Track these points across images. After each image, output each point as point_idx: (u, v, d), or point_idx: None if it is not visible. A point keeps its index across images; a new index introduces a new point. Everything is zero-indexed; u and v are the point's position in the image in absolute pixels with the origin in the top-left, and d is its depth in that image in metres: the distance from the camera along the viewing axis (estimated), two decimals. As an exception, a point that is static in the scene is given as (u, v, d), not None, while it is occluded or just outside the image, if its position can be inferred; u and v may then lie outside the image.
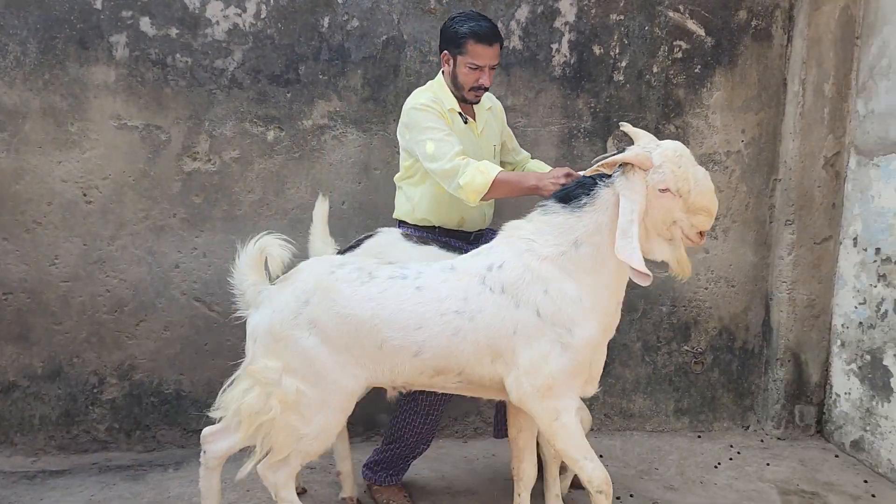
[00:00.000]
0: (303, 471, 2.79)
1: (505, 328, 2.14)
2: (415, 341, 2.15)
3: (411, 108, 2.66)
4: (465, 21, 2.62)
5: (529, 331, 2.13)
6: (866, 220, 3.37)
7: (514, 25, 3.35)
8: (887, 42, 3.26)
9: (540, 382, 2.13)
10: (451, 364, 2.19)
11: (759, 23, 3.50)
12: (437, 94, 2.71)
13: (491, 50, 2.61)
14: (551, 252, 2.16)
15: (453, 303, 2.15)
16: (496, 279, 2.16)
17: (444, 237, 2.76)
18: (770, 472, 3.25)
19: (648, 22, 3.43)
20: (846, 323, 3.48)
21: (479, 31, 2.58)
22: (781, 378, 3.61)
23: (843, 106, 3.47)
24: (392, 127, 3.32)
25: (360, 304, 2.15)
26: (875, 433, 3.28)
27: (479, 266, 2.21)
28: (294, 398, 2.14)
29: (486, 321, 2.14)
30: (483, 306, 2.15)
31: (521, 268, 2.16)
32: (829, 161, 3.49)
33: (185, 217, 3.22)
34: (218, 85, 3.18)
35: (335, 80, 3.26)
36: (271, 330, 2.17)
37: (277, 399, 2.13)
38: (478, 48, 2.60)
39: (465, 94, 2.71)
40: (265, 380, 2.14)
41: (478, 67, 2.63)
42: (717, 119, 3.53)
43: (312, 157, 3.28)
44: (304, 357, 2.15)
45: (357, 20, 3.24)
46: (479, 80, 2.66)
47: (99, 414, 3.24)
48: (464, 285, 2.18)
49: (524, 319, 2.13)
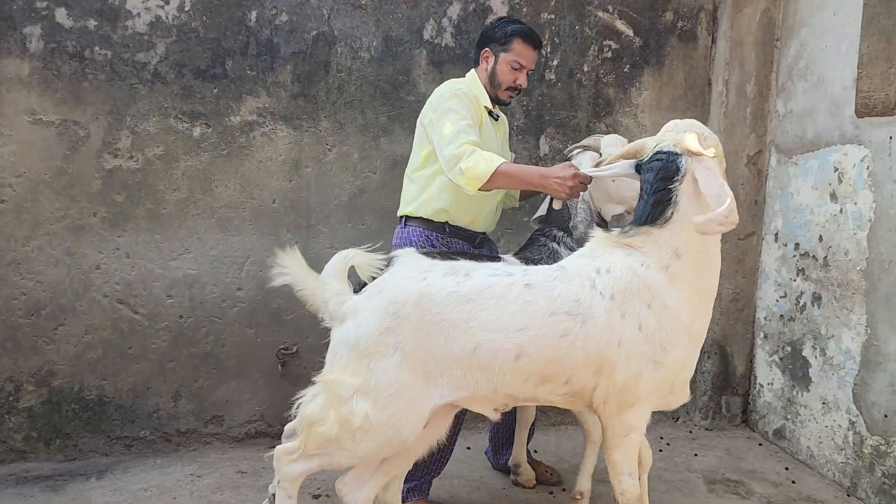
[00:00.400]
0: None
1: (613, 338, 2.01)
2: (516, 343, 1.99)
3: (446, 90, 2.64)
4: (513, 22, 2.72)
5: (631, 346, 2.01)
6: (786, 216, 3.49)
7: (447, 23, 3.34)
8: (805, 44, 3.38)
9: (625, 399, 2.05)
10: (559, 371, 2.04)
11: (685, 24, 3.59)
12: (472, 88, 2.72)
13: (534, 53, 2.71)
14: (654, 262, 2.06)
15: (565, 303, 2.01)
16: (606, 284, 2.04)
17: (451, 235, 2.70)
18: (697, 462, 3.34)
19: (579, 21, 3.47)
20: (768, 316, 3.61)
21: (527, 31, 2.68)
22: (709, 370, 3.71)
23: (764, 106, 3.58)
24: (323, 124, 3.27)
25: (455, 307, 2.00)
26: (795, 422, 3.41)
27: (588, 268, 2.08)
28: (359, 423, 1.98)
29: (598, 328, 2.01)
30: (595, 311, 2.01)
31: (629, 274, 2.04)
32: (751, 159, 3.60)
33: (107, 216, 3.10)
34: (140, 79, 3.07)
35: (264, 76, 3.19)
36: (357, 345, 2.01)
37: (339, 417, 1.99)
38: (524, 48, 2.67)
39: (500, 93, 2.73)
40: (336, 394, 2.00)
41: (519, 67, 2.68)
42: (647, 118, 3.60)
43: (241, 155, 3.20)
44: (384, 376, 1.98)
45: (286, 14, 3.18)
46: (517, 81, 2.69)
47: (15, 423, 3.09)
48: (576, 286, 2.04)
49: (628, 332, 2.01)
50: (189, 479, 3.00)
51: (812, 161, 3.31)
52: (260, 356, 3.31)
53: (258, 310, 3.28)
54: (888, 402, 2.86)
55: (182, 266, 3.19)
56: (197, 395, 3.26)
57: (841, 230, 3.13)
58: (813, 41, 3.32)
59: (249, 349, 3.30)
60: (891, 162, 2.86)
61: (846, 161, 3.10)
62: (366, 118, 3.30)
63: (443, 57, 3.35)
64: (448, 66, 3.34)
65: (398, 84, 3.32)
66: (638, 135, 3.60)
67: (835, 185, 3.17)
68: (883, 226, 2.89)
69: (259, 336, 3.30)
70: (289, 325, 3.33)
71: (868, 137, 2.98)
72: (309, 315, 3.32)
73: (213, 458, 3.19)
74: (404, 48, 3.31)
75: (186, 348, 3.23)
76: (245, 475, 3.05)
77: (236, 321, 3.27)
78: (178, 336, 3.21)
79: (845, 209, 3.11)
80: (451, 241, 2.69)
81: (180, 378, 3.24)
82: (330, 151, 3.29)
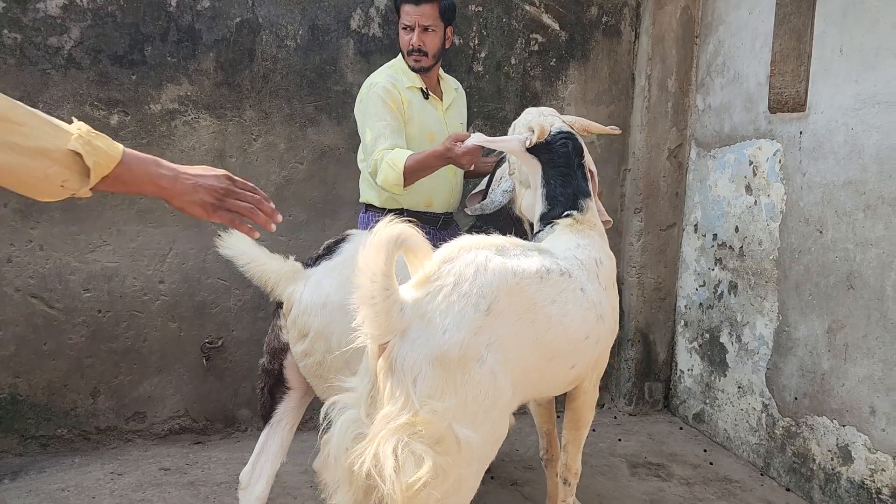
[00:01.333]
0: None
1: (612, 328, 2.09)
2: (576, 351, 1.85)
3: (364, 89, 2.67)
4: None
5: (609, 320, 2.05)
6: (705, 207, 3.61)
7: (374, 13, 3.32)
8: (722, 41, 3.50)
9: (600, 369, 2.18)
10: (583, 374, 2.03)
11: (609, 19, 3.67)
12: (397, 72, 2.70)
13: (418, 8, 2.62)
14: (603, 237, 2.19)
15: (597, 307, 1.94)
16: (603, 274, 2.03)
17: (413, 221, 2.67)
18: (621, 447, 3.43)
19: (506, 14, 3.50)
20: (688, 304, 3.73)
21: None
22: (633, 357, 3.82)
23: (684, 100, 3.70)
24: (248, 113, 3.21)
25: (544, 307, 1.74)
26: (713, 405, 3.54)
27: (590, 259, 2.01)
28: (464, 451, 1.52)
29: (609, 322, 2.02)
30: (605, 306, 1.99)
31: (609, 261, 2.11)
32: (672, 152, 3.71)
33: (18, 207, 2.96)
34: (53, 64, 2.94)
35: (185, 63, 3.10)
36: (445, 357, 1.53)
37: (438, 461, 1.46)
38: (406, 7, 2.63)
39: (407, 61, 2.70)
40: (433, 432, 1.48)
41: (406, 27, 2.65)
42: (572, 111, 3.66)
43: (162, 144, 3.11)
44: (480, 387, 1.57)
45: (208, 0, 3.10)
46: (412, 41, 2.65)
47: (-79, 424, 2.94)
48: (593, 284, 1.96)
49: (608, 309, 2.04)
50: (109, 477, 2.92)
51: (729, 154, 3.44)
52: (184, 350, 3.23)
53: (181, 303, 3.21)
54: (798, 385, 3.00)
55: (100, 259, 3.08)
56: (117, 392, 3.16)
57: (755, 221, 3.26)
58: (730, 38, 3.44)
59: (173, 343, 3.22)
60: (801, 156, 2.99)
61: (760, 155, 3.23)
62: (292, 108, 3.26)
63: (370, 47, 3.33)
64: (376, 56, 3.32)
65: (325, 74, 3.28)
66: (564, 127, 3.66)
67: (750, 178, 3.29)
68: (793, 217, 3.02)
69: (182, 330, 3.22)
70: (213, 319, 3.26)
71: (780, 132, 3.11)
72: (234, 308, 3.29)
73: (135, 456, 3.10)
74: (331, 37, 3.27)
75: (105, 343, 3.12)
76: (168, 472, 2.98)
77: (158, 315, 3.18)
78: (96, 331, 3.11)
79: (759, 201, 3.23)
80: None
81: (99, 374, 3.13)
82: (255, 141, 3.23)
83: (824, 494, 2.86)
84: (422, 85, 2.75)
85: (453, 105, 2.88)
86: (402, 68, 2.73)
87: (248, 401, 3.34)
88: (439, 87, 2.85)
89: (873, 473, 2.64)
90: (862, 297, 2.69)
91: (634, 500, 2.90)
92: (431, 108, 2.76)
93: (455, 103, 2.91)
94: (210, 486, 2.88)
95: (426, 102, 2.75)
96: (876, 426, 2.63)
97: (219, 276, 3.25)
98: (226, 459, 3.11)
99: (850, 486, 2.74)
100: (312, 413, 3.45)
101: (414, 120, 2.68)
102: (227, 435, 3.34)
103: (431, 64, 2.74)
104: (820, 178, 2.88)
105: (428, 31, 2.67)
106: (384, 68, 2.77)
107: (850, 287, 2.74)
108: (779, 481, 3.09)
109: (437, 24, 2.68)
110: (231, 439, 3.32)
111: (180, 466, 3.03)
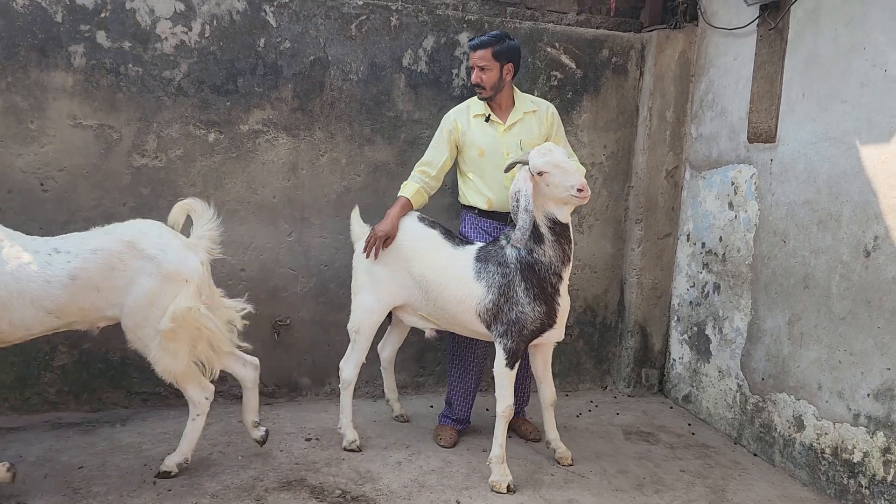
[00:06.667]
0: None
1: None
2: None
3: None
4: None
5: None
6: (696, 220, 4.26)
7: (422, 53, 4.02)
8: (712, 81, 4.15)
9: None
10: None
11: (618, 60, 4.34)
12: (472, 102, 3.50)
13: (475, 54, 3.35)
14: None
15: None
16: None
17: (480, 216, 3.50)
18: (619, 419, 4.08)
19: (531, 55, 4.18)
20: (681, 302, 4.38)
21: (469, 42, 3.42)
22: (632, 347, 4.46)
23: (680, 129, 4.35)
24: (317, 134, 3.91)
25: None
26: (699, 388, 4.18)
27: None
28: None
29: None
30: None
31: None
32: (669, 173, 4.37)
33: (134, 206, 3.68)
34: (166, 92, 3.67)
35: (269, 92, 3.81)
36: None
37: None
38: (470, 52, 3.39)
39: (477, 93, 3.45)
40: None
41: (473, 68, 3.38)
42: (585, 136, 4.33)
43: (248, 157, 3.82)
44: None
45: (289, 42, 3.81)
46: (473, 78, 3.39)
47: (50, 378, 3.66)
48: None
49: None
50: (201, 425, 3.61)
51: (716, 176, 4.08)
52: (258, 327, 3.91)
53: (258, 287, 3.90)
54: (765, 368, 3.64)
55: (195, 249, 3.79)
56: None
57: (735, 232, 3.90)
58: (718, 79, 4.09)
59: (250, 320, 3.90)
60: (771, 179, 3.63)
61: (740, 177, 3.87)
62: (353, 129, 3.96)
63: (418, 80, 4.02)
64: (422, 89, 4.02)
65: (380, 102, 3.98)
66: (578, 150, 4.32)
67: (732, 196, 3.94)
68: (765, 229, 3.67)
69: (259, 310, 3.90)
70: (283, 301, 3.96)
71: (756, 158, 3.75)
72: (301, 293, 3.99)
73: (219, 411, 3.78)
74: (386, 72, 3.97)
75: (197, 319, 3.82)
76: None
77: (240, 296, 3.87)
78: (190, 308, 3.81)
79: (739, 215, 3.88)
80: (481, 221, 3.50)
81: (191, 344, 3.83)
82: (322, 157, 3.94)
83: (783, 457, 3.49)
84: (487, 112, 3.44)
85: (517, 125, 3.45)
86: (475, 99, 3.47)
87: (309, 371, 4.03)
88: (508, 110, 3.46)
89: (819, 437, 3.27)
90: (814, 294, 3.33)
91: (626, 457, 3.55)
92: (491, 129, 3.44)
93: (521, 122, 3.45)
94: (281, 434, 3.56)
95: (486, 125, 3.44)
96: (822, 399, 3.26)
97: (289, 266, 3.94)
98: (291, 417, 3.80)
99: (801, 449, 3.37)
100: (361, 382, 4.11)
101: (469, 140, 3.43)
102: (291, 399, 4.03)
103: (491, 94, 3.40)
104: (785, 198, 3.53)
105: (485, 70, 3.35)
106: (469, 100, 3.54)
107: (805, 287, 3.38)
108: (748, 448, 3.72)
109: (493, 64, 3.34)
110: (294, 402, 4.01)
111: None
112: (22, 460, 3.12)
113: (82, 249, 2.77)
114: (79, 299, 2.76)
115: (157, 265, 2.83)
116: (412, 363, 4.20)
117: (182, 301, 2.83)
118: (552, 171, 2.95)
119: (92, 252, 2.77)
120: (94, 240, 2.83)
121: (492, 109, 3.44)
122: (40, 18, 3.46)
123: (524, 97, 3.54)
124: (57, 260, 2.73)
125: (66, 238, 2.84)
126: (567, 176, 2.95)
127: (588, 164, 4.36)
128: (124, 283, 2.81)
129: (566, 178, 2.95)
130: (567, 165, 2.98)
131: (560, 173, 2.95)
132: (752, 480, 3.38)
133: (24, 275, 2.67)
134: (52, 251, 2.75)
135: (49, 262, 2.72)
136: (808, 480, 3.32)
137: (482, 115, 3.44)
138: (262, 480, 3.08)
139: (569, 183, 2.94)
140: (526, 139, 3.43)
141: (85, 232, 2.91)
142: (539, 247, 3.05)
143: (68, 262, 2.74)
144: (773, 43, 3.62)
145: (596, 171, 4.39)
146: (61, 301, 2.73)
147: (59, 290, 2.71)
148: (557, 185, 2.95)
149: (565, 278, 3.11)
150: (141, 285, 2.81)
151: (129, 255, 2.82)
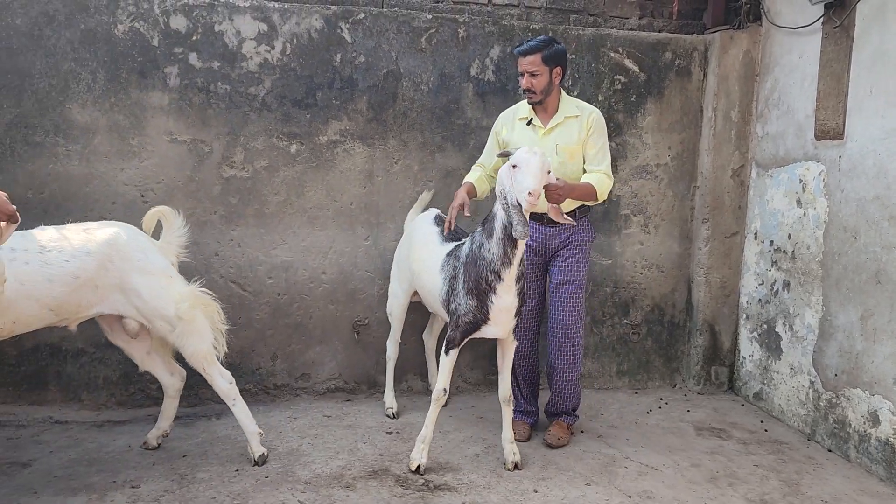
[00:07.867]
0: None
1: None
2: None
3: None
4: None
5: None
6: (763, 218, 4.29)
7: (489, 62, 4.18)
8: (777, 79, 4.19)
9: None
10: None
11: (682, 62, 4.41)
12: (520, 105, 3.63)
13: (524, 60, 3.43)
14: None
15: None
16: None
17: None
18: (689, 416, 4.14)
19: (595, 60, 4.29)
20: (749, 300, 4.40)
21: (517, 49, 3.49)
22: (700, 345, 4.51)
23: (746, 129, 4.39)
24: (391, 142, 4.11)
25: None
26: (770, 385, 4.20)
27: None
28: None
29: None
30: None
31: None
32: (735, 172, 4.41)
33: (224, 214, 3.95)
34: (251, 107, 3.92)
35: (345, 105, 4.03)
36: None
37: None
38: (519, 58, 3.48)
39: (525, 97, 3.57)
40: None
41: (521, 74, 3.47)
42: (649, 138, 4.42)
43: (327, 166, 4.05)
44: None
45: (363, 56, 4.03)
46: (522, 83, 3.48)
47: (151, 376, 3.92)
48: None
49: None
50: (288, 419, 3.84)
51: (783, 174, 4.11)
52: (339, 327, 4.15)
53: (338, 290, 4.12)
54: (838, 364, 3.65)
55: (280, 254, 4.03)
56: (290, 357, 4.10)
57: (804, 229, 3.92)
58: (784, 77, 4.13)
59: (331, 321, 4.14)
60: (840, 175, 3.65)
61: (808, 174, 3.90)
62: (424, 137, 4.14)
63: (485, 89, 4.18)
64: (490, 97, 4.18)
65: (450, 111, 4.16)
66: (643, 152, 4.42)
67: (800, 194, 3.97)
68: (834, 226, 3.69)
69: (339, 311, 4.14)
70: (362, 303, 4.17)
71: (823, 156, 3.78)
72: (377, 295, 4.19)
73: (304, 406, 4.02)
74: (455, 82, 4.15)
75: (282, 319, 4.07)
76: (330, 418, 3.87)
77: (321, 298, 4.11)
78: (276, 309, 4.06)
79: (807, 213, 3.90)
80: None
81: (277, 343, 4.08)
82: (396, 164, 4.13)
83: (858, 452, 3.50)
84: (531, 115, 3.55)
85: (557, 128, 3.53)
86: (524, 103, 3.58)
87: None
88: (552, 114, 3.53)
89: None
90: (886, 290, 3.34)
91: (698, 452, 3.62)
92: (531, 132, 3.55)
93: (561, 126, 3.52)
94: (363, 428, 3.76)
95: (528, 128, 3.56)
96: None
97: (366, 269, 4.15)
98: (371, 412, 3.99)
99: (878, 444, 3.38)
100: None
101: (511, 142, 3.54)
102: (370, 395, 4.23)
103: (540, 99, 3.48)
104: (854, 194, 3.55)
105: (535, 75, 3.44)
106: (519, 103, 3.65)
107: (877, 282, 3.39)
108: (822, 444, 3.74)
109: (542, 69, 3.43)
110: (373, 398, 4.20)
111: (338, 415, 3.92)
112: (130, 450, 3.39)
113: (78, 251, 2.92)
114: (79, 296, 2.95)
115: (141, 265, 3.06)
116: (485, 361, 4.34)
117: (179, 286, 3.12)
118: (522, 167, 2.97)
119: (87, 254, 2.94)
120: (79, 237, 2.97)
121: (537, 113, 3.53)
122: (139, 43, 3.76)
123: (570, 101, 3.58)
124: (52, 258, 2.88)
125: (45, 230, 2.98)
126: (529, 177, 2.94)
127: (653, 164, 4.44)
128: (116, 281, 3.02)
129: (527, 178, 2.94)
130: (536, 170, 2.97)
131: (526, 172, 2.95)
132: (827, 475, 3.40)
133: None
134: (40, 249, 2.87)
135: (45, 261, 2.85)
136: (886, 475, 3.33)
137: (526, 118, 3.56)
138: (350, 470, 3.27)
139: (526, 183, 2.94)
140: (562, 143, 3.49)
141: (62, 227, 3.02)
142: (488, 241, 3.11)
143: (66, 260, 2.90)
144: (838, 40, 3.65)
145: (661, 172, 4.47)
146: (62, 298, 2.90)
147: (61, 287, 2.88)
148: (520, 182, 2.96)
149: (506, 279, 3.08)
150: (133, 283, 3.04)
151: (116, 255, 3.01)
